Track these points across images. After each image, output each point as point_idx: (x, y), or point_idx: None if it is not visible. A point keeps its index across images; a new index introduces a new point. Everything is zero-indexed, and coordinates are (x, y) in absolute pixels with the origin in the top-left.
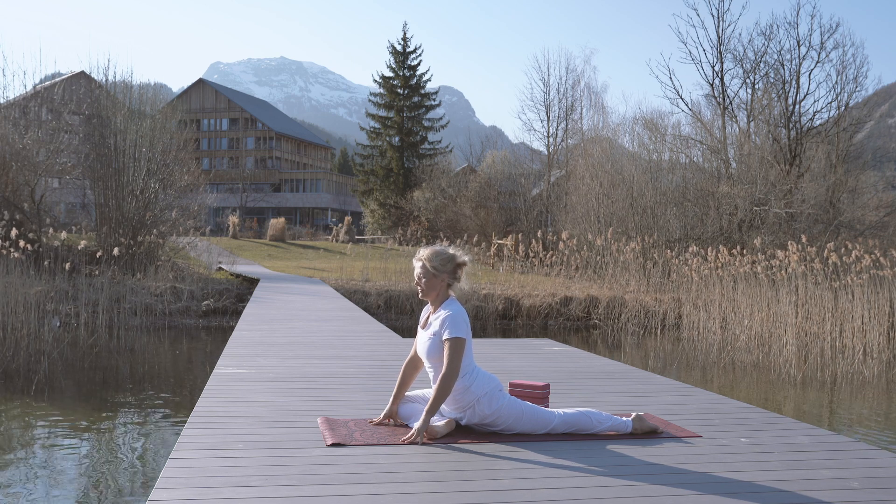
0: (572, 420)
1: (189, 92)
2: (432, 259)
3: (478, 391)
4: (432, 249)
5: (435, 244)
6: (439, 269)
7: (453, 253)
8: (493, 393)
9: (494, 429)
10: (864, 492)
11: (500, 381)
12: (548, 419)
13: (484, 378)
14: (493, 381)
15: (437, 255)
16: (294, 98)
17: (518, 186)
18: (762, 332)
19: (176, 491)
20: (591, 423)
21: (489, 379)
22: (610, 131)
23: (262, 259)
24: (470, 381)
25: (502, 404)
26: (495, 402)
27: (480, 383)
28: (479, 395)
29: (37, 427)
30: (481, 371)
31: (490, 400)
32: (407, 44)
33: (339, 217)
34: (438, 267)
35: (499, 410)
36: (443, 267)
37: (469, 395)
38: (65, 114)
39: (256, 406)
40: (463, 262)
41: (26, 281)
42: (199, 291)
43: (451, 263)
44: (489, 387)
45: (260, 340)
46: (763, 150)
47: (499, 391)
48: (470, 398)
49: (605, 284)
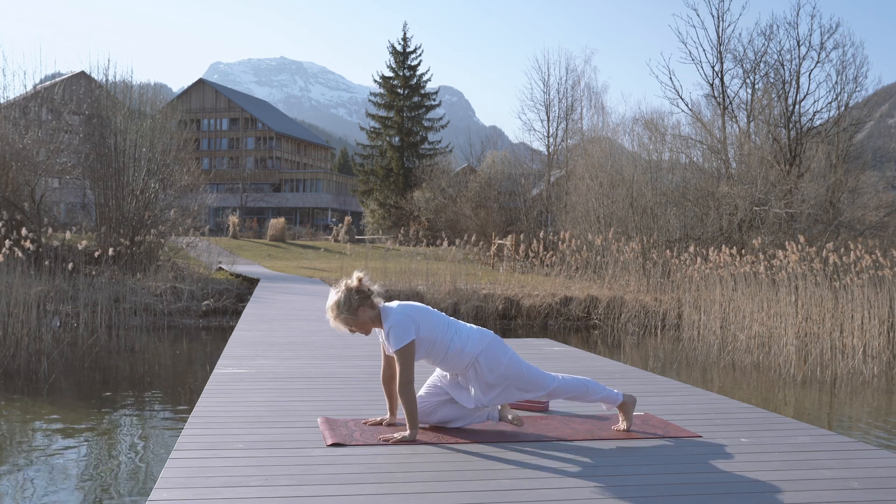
0: (571, 386)
1: (189, 92)
2: (339, 312)
3: (473, 349)
4: (330, 306)
5: (331, 295)
6: (352, 311)
7: (344, 290)
8: (491, 346)
9: (498, 396)
10: (864, 492)
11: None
12: (549, 380)
13: (477, 336)
14: (487, 335)
15: (338, 306)
16: (294, 98)
17: (518, 186)
18: (762, 332)
19: (176, 491)
20: (587, 391)
21: (483, 335)
22: (610, 131)
23: (262, 259)
24: (463, 342)
25: (503, 361)
26: (493, 357)
27: (474, 342)
28: (475, 353)
29: (37, 427)
30: (474, 329)
31: (487, 357)
32: (407, 44)
33: (339, 217)
34: (348, 312)
35: (499, 367)
36: (350, 308)
37: (465, 355)
38: (65, 114)
39: (256, 406)
40: (356, 282)
41: (26, 281)
42: (199, 291)
43: (354, 298)
44: (484, 342)
45: (260, 340)
46: (763, 150)
47: (498, 343)
48: (467, 359)
49: (605, 284)
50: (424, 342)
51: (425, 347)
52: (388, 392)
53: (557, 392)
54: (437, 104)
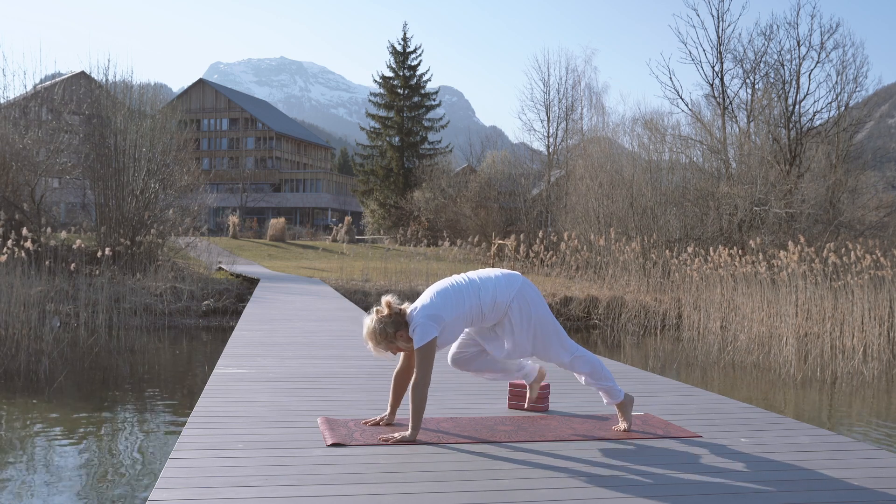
0: (591, 361)
1: (189, 92)
2: (377, 340)
3: (505, 297)
4: (367, 334)
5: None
6: (390, 339)
7: (377, 319)
8: (522, 290)
9: (530, 347)
10: (864, 492)
11: (524, 278)
12: (574, 346)
13: (505, 282)
14: (516, 280)
15: (374, 337)
16: (294, 98)
17: (518, 186)
18: (762, 332)
19: (176, 491)
20: (601, 372)
21: (510, 280)
22: (610, 131)
23: (262, 259)
24: (493, 296)
25: (537, 302)
26: (525, 300)
27: (503, 289)
28: (508, 300)
29: (37, 427)
30: (501, 277)
31: (521, 300)
32: (407, 44)
33: (339, 217)
34: (384, 339)
35: (531, 310)
36: (387, 337)
37: (499, 305)
38: (65, 114)
39: (256, 406)
40: (385, 309)
41: (26, 281)
42: (199, 291)
43: (390, 327)
44: (514, 287)
45: (260, 340)
46: (763, 151)
47: (528, 286)
48: (502, 308)
49: (605, 284)
50: (458, 321)
51: (462, 323)
52: (397, 388)
53: (578, 361)
54: (437, 104)
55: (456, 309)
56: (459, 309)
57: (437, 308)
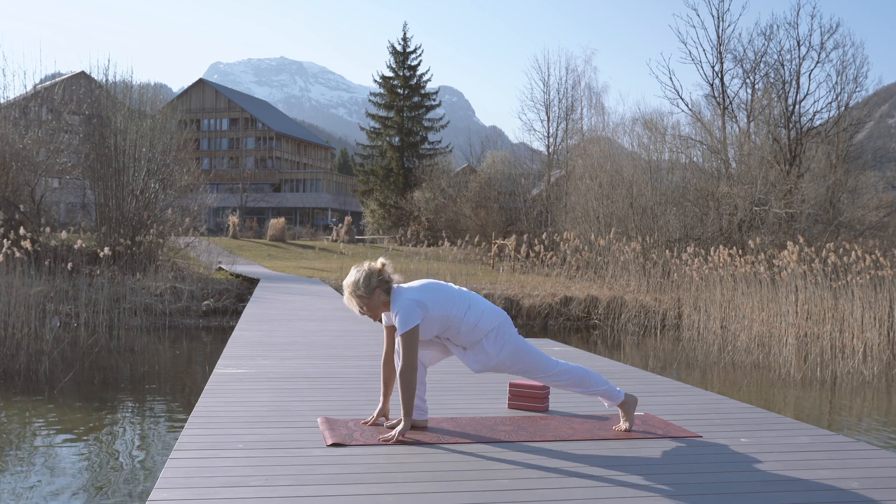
0: (574, 373)
1: (189, 92)
2: (356, 289)
3: (486, 326)
4: (349, 281)
5: (351, 273)
6: (369, 291)
7: (366, 268)
8: (502, 327)
9: (501, 369)
10: (864, 492)
11: (508, 316)
12: (552, 363)
13: (491, 313)
14: (500, 314)
15: (356, 283)
16: (294, 98)
17: (518, 186)
18: (762, 332)
19: (176, 491)
20: (589, 380)
21: (496, 313)
22: (610, 131)
23: (262, 259)
24: (477, 318)
25: (508, 339)
26: (502, 336)
27: (488, 318)
28: (487, 329)
29: (37, 427)
30: (489, 306)
31: (497, 335)
32: (407, 44)
33: (339, 217)
34: (365, 291)
35: (507, 346)
36: (368, 288)
37: (478, 330)
38: (65, 114)
39: (256, 406)
40: (380, 265)
41: (26, 281)
42: (199, 291)
43: (373, 278)
44: (497, 321)
45: (260, 340)
46: (763, 150)
47: (508, 325)
48: (478, 334)
49: (605, 284)
50: (438, 320)
51: (440, 324)
52: (386, 375)
53: (559, 376)
54: (437, 104)
55: (443, 308)
56: (445, 310)
57: (425, 297)
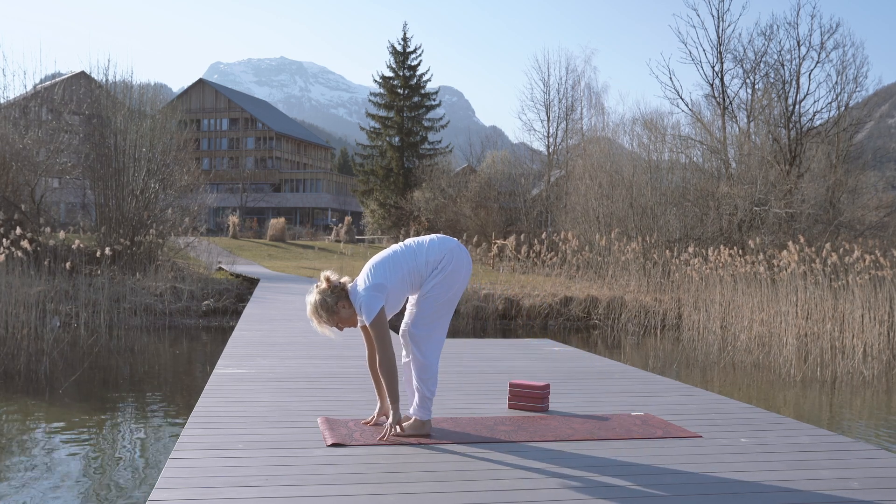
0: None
1: (189, 92)
2: (320, 316)
3: (437, 255)
4: (310, 314)
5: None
6: (332, 311)
7: (316, 295)
8: (453, 252)
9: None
10: (864, 492)
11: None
12: (435, 340)
13: (438, 243)
14: (450, 241)
15: (317, 313)
16: (294, 98)
17: (518, 186)
18: (762, 332)
19: (176, 491)
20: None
21: (445, 241)
22: (609, 131)
23: (262, 259)
24: (426, 254)
25: (454, 274)
26: (449, 262)
27: (436, 249)
28: (439, 257)
29: (37, 427)
30: (435, 240)
31: (448, 260)
32: (407, 44)
33: (339, 217)
34: (328, 313)
35: (443, 272)
36: (329, 308)
37: (430, 265)
38: (65, 114)
39: (257, 406)
40: (325, 284)
41: (26, 281)
42: (199, 291)
43: (327, 298)
44: (447, 247)
45: (260, 340)
46: (763, 151)
47: (460, 250)
48: (434, 266)
49: (605, 284)
50: (400, 286)
51: (404, 287)
52: (375, 376)
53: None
54: (437, 104)
55: (394, 273)
56: (397, 272)
57: (376, 278)
